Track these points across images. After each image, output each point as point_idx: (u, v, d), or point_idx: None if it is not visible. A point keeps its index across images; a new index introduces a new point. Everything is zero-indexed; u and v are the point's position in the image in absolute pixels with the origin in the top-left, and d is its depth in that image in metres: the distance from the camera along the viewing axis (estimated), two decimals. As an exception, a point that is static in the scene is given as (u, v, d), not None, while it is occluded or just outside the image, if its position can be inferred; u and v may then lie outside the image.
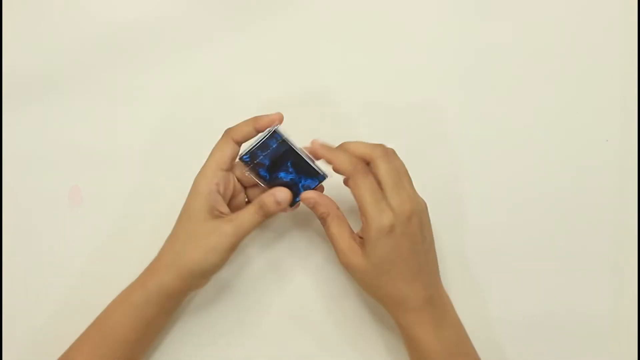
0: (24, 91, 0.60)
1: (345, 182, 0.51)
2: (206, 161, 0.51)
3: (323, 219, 0.50)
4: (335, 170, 0.48)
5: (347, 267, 0.48)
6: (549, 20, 0.61)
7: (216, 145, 0.51)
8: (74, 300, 0.57)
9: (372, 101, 0.60)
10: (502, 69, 0.60)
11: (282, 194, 0.49)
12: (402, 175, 0.48)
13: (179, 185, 0.57)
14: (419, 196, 0.49)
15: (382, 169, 0.47)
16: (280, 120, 0.50)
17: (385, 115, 0.59)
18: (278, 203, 0.49)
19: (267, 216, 0.50)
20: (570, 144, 0.59)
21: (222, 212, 0.50)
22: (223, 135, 0.51)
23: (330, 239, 0.49)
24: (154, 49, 0.61)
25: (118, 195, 0.58)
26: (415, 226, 0.47)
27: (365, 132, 0.59)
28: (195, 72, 0.60)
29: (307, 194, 0.50)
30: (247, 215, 0.49)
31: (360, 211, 0.47)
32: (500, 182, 0.58)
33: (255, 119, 0.50)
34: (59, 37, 0.61)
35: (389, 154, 0.49)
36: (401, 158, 0.49)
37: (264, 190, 0.51)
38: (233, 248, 0.49)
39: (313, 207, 0.50)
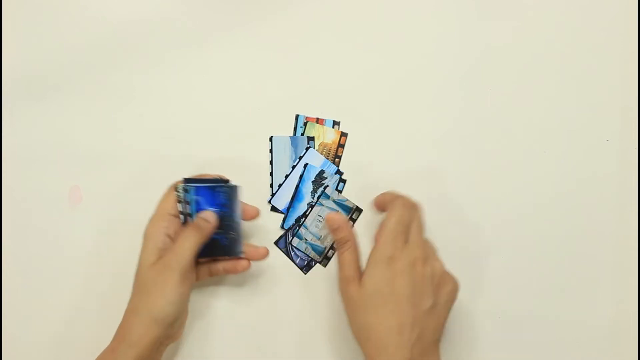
0: (24, 91, 0.60)
1: (381, 208, 0.52)
2: (154, 212, 0.52)
3: (341, 244, 0.49)
4: (381, 202, 0.51)
5: (344, 296, 0.48)
6: (549, 21, 0.61)
7: (162, 196, 0.52)
8: (73, 299, 0.57)
9: (372, 101, 0.60)
10: (502, 70, 0.60)
11: (206, 213, 0.51)
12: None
13: (179, 185, 0.57)
14: (448, 271, 0.49)
15: (418, 218, 0.49)
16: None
17: (385, 115, 0.59)
18: (206, 220, 0.50)
19: (204, 234, 0.50)
20: (570, 144, 0.59)
21: None
22: (169, 188, 0.52)
23: (339, 265, 0.49)
24: (154, 49, 0.61)
25: (118, 195, 0.58)
26: (420, 274, 0.46)
27: (364, 132, 0.59)
28: (196, 72, 0.60)
29: (333, 216, 0.50)
30: (184, 238, 0.49)
31: (375, 236, 0.48)
32: (499, 182, 0.58)
33: (204, 174, 0.53)
34: (59, 37, 0.61)
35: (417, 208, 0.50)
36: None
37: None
38: (184, 281, 0.48)
39: (335, 230, 0.50)
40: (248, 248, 0.53)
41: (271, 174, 0.58)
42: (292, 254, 0.57)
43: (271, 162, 0.58)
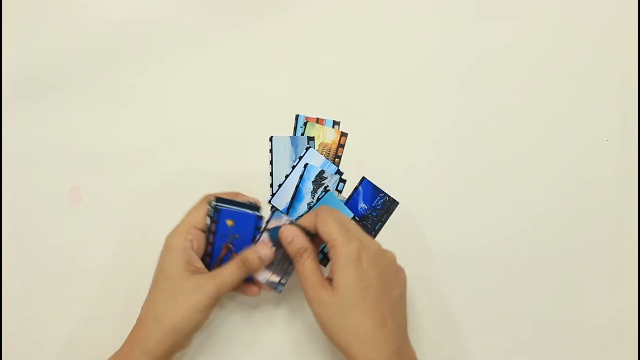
0: (24, 91, 0.60)
1: (315, 235, 0.50)
2: (180, 221, 0.51)
3: (299, 255, 0.48)
4: (311, 226, 0.49)
5: (316, 304, 0.47)
6: (549, 21, 0.61)
7: (192, 206, 0.52)
8: (73, 299, 0.57)
9: (372, 101, 0.60)
10: (502, 70, 0.60)
11: (265, 250, 0.50)
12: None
13: (178, 185, 0.57)
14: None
15: (339, 218, 0.48)
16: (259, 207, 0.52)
17: (385, 115, 0.59)
18: (261, 259, 0.50)
19: (249, 273, 0.50)
20: (570, 144, 0.59)
21: (198, 268, 0.50)
22: (201, 199, 0.52)
23: (301, 276, 0.48)
24: (153, 49, 0.61)
25: (118, 195, 0.58)
26: (384, 265, 0.47)
27: (364, 132, 0.59)
28: (196, 72, 0.60)
29: (285, 229, 0.49)
30: (229, 271, 0.49)
31: (329, 245, 0.47)
32: (500, 182, 0.58)
33: (238, 194, 0.53)
34: (58, 37, 0.61)
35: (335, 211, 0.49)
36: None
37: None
38: (214, 305, 0.48)
39: (290, 243, 0.49)
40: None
41: (271, 174, 0.58)
42: None
43: (271, 162, 0.58)
